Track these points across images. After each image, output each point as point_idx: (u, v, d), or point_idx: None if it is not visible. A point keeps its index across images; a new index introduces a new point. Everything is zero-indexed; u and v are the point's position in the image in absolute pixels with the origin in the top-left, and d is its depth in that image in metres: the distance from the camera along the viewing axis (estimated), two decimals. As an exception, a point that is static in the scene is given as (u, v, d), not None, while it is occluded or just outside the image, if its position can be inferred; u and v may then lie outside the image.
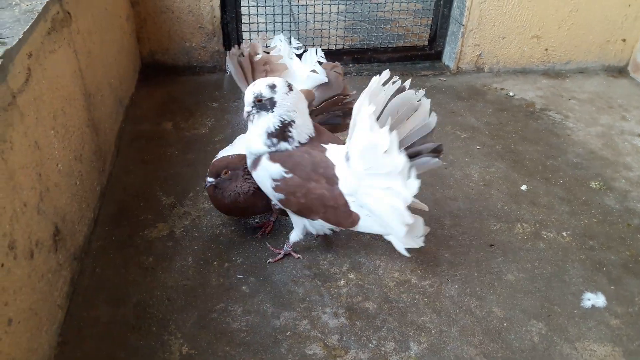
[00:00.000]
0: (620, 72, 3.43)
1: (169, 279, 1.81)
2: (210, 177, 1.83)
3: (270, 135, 1.65)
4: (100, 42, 2.23)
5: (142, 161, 2.37)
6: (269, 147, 1.67)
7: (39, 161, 1.50)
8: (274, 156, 1.67)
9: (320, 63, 2.05)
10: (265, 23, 3.18)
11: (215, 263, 1.88)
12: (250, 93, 1.64)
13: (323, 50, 3.32)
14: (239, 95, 2.96)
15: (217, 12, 2.96)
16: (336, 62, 2.11)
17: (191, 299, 1.74)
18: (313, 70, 2.01)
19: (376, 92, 1.57)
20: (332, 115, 2.04)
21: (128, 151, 2.43)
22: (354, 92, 2.00)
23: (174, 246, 1.94)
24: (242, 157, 1.85)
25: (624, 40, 3.32)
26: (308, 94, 1.93)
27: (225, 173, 1.83)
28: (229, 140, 2.51)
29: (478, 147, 2.60)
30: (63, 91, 1.74)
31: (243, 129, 2.61)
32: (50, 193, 1.57)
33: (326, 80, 2.00)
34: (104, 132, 2.21)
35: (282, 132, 1.65)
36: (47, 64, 1.61)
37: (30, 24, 1.49)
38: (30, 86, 1.47)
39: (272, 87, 1.62)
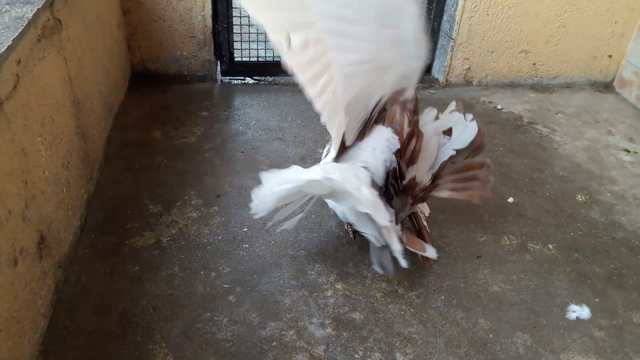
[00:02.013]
0: (607, 87, 3.48)
1: (155, 288, 1.80)
2: None
3: None
4: (90, 49, 2.23)
5: (130, 169, 2.36)
6: None
7: (25, 168, 1.50)
8: None
9: None
10: (257, 33, 3.19)
11: (201, 272, 1.87)
12: None
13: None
14: (229, 104, 2.97)
15: (209, 22, 2.97)
16: None
17: (177, 309, 1.73)
18: None
19: None
20: None
21: (116, 159, 2.42)
22: None
23: (160, 255, 1.93)
24: None
25: (610, 56, 3.38)
26: None
27: None
28: (217, 150, 2.53)
29: (466, 159, 2.62)
30: (51, 98, 1.74)
31: (232, 139, 2.62)
32: (36, 200, 1.56)
33: None
34: (93, 139, 2.20)
35: None
36: (36, 71, 1.61)
37: (19, 30, 1.49)
38: (18, 93, 1.47)
39: None
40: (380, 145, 1.80)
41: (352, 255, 1.99)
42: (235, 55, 3.19)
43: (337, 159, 1.84)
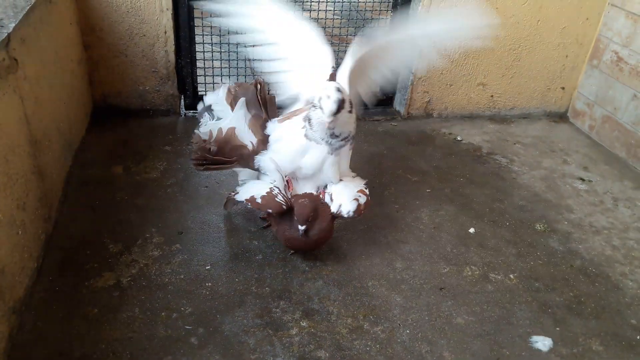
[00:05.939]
0: (561, 117, 3.62)
1: (114, 332, 1.74)
2: (301, 225, 1.94)
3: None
4: (49, 87, 2.20)
5: (90, 207, 2.31)
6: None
7: (-24, 212, 1.45)
8: None
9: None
10: (221, 68, 3.21)
11: (162, 314, 1.83)
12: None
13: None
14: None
15: (172, 57, 2.97)
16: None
17: (137, 353, 1.68)
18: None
19: None
20: None
21: (76, 197, 2.37)
22: None
23: (120, 296, 1.88)
24: (317, 196, 2.07)
25: (562, 88, 3.52)
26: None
27: (312, 217, 1.96)
28: (181, 185, 2.51)
29: (428, 190, 2.67)
30: (6, 139, 1.70)
31: (196, 174, 2.60)
32: (-12, 245, 1.51)
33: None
34: (51, 178, 2.15)
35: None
36: (-10, 111, 1.58)
37: (-28, 72, 1.46)
38: (-30, 135, 1.43)
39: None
40: None
41: (317, 291, 1.99)
42: (199, 89, 3.19)
43: None
